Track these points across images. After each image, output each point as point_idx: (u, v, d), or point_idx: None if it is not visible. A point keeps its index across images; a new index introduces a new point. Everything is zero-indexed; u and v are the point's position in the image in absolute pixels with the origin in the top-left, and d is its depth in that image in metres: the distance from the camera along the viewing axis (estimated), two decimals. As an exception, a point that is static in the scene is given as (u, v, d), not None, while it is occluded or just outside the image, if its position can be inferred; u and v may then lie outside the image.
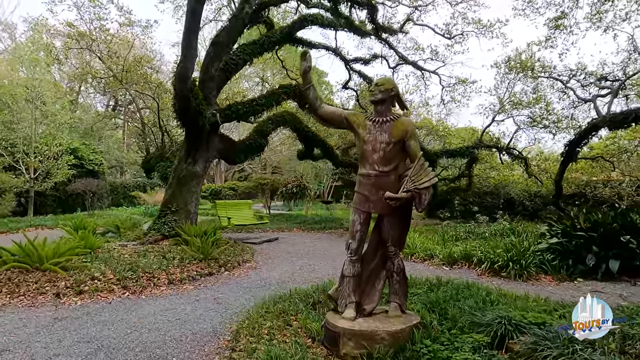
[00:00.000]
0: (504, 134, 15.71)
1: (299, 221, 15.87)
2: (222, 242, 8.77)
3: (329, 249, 10.01)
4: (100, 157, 21.92)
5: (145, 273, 6.26)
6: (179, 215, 9.35)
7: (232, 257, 7.89)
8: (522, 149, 15.07)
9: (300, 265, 7.89)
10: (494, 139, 15.21)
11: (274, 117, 12.26)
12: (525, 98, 13.99)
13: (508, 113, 14.78)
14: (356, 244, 3.93)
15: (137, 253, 7.61)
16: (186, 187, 9.55)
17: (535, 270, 6.47)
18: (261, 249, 9.80)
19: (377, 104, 3.92)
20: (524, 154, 15.01)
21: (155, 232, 9.01)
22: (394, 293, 4.02)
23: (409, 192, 3.65)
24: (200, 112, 8.91)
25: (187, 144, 9.76)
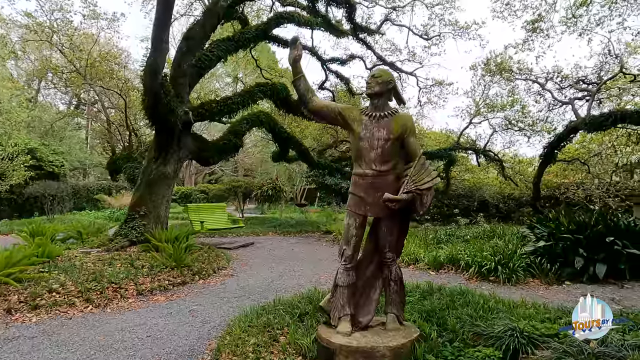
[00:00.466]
0: (480, 136, 15.86)
1: (274, 225, 15.41)
2: (195, 248, 8.23)
3: (308, 253, 9.63)
4: (61, 158, 20.69)
5: (111, 283, 5.69)
6: (148, 220, 8.74)
7: (206, 264, 7.39)
8: (497, 152, 15.19)
9: (280, 272, 7.47)
10: (470, 142, 15.30)
11: (249, 117, 11.81)
12: (500, 101, 14.13)
13: (484, 116, 14.91)
14: (351, 250, 3.58)
15: (101, 261, 6.99)
16: (156, 190, 8.95)
17: (523, 274, 6.32)
18: (237, 254, 9.31)
19: (374, 97, 3.59)
20: (500, 157, 15.13)
21: (122, 237, 8.37)
22: (391, 303, 3.69)
23: (410, 193, 3.35)
24: (171, 109, 8.36)
25: (157, 144, 9.16)
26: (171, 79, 8.78)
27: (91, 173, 31.77)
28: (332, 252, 9.70)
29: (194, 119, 9.41)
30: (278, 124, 13.62)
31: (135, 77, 16.53)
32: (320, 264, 8.27)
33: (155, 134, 9.32)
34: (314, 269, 7.69)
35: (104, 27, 14.18)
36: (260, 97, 10.66)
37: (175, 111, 8.45)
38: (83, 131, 32.72)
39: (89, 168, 30.42)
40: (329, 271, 7.50)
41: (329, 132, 19.33)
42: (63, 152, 22.11)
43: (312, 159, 15.69)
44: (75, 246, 8.64)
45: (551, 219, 8.53)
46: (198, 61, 9.77)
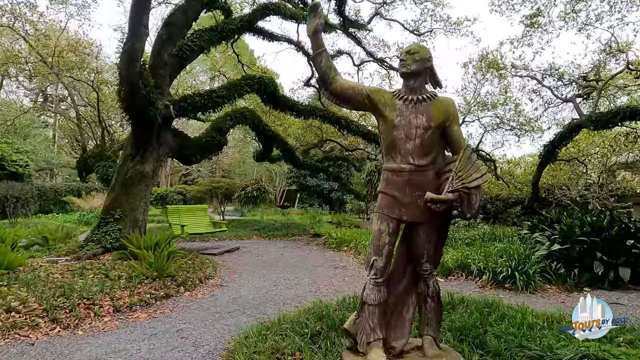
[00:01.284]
0: (472, 135, 15.56)
1: (257, 228, 14.65)
2: (178, 254, 7.45)
3: (299, 259, 8.97)
4: (25, 157, 19.28)
5: (82, 299, 4.88)
6: (125, 224, 7.89)
7: (192, 273, 6.63)
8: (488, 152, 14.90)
9: (274, 280, 6.79)
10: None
11: (232, 113, 11.14)
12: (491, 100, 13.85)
13: (475, 115, 14.61)
14: (384, 261, 2.97)
15: (71, 271, 6.15)
16: (133, 191, 8.12)
17: (541, 280, 5.86)
18: (223, 260, 8.55)
19: (410, 77, 2.99)
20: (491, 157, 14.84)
21: (95, 244, 7.50)
22: (428, 323, 3.10)
23: (456, 191, 2.77)
24: (151, 101, 7.56)
25: (135, 140, 8.32)
26: (150, 68, 7.97)
27: (59, 174, 30.06)
28: (326, 258, 9.09)
29: (175, 113, 8.63)
30: (262, 121, 12.96)
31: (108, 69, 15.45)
32: (315, 271, 7.63)
33: (132, 129, 8.48)
34: (311, 277, 7.04)
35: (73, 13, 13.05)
36: (247, 91, 9.94)
37: (154, 104, 7.66)
38: (50, 130, 30.96)
39: (57, 168, 28.75)
40: (327, 279, 6.89)
41: (312, 131, 18.70)
42: (27, 151, 20.65)
43: (296, 159, 15.05)
44: (41, 254, 7.71)
45: (553, 220, 8.18)
46: (179, 51, 9.00)
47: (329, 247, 10.61)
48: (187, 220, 9.83)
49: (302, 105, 11.75)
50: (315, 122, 17.98)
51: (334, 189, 25.96)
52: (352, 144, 18.87)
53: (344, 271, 7.58)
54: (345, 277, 7.00)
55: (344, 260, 8.81)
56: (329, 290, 6.09)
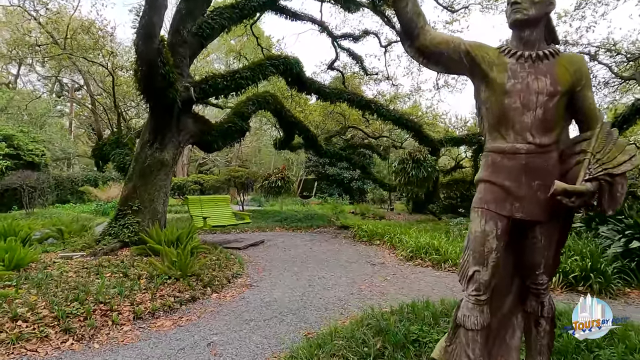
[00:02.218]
0: None
1: (279, 219, 14.01)
2: (201, 249, 6.82)
3: (331, 253, 8.28)
4: (42, 147, 18.92)
5: (98, 304, 4.28)
6: (143, 216, 7.30)
7: (217, 271, 5.99)
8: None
9: (308, 279, 6.11)
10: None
11: (254, 97, 10.42)
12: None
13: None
14: (489, 272, 2.24)
15: (86, 269, 5.57)
16: (152, 180, 7.50)
17: (621, 283, 5.06)
18: (248, 255, 7.92)
19: (526, 26, 2.22)
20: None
21: (112, 238, 6.93)
22: (540, 352, 2.38)
23: (596, 180, 2.02)
24: (170, 82, 6.88)
25: (153, 125, 7.69)
26: (169, 46, 7.28)
27: (76, 163, 29.91)
28: (359, 252, 8.38)
29: (196, 95, 7.96)
30: (285, 106, 12.26)
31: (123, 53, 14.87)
32: (351, 268, 6.94)
33: (150, 113, 7.84)
34: (348, 275, 6.35)
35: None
36: (271, 72, 9.19)
37: (174, 85, 6.99)
38: (66, 119, 30.76)
39: (73, 158, 28.57)
40: (366, 278, 6.18)
41: (334, 118, 17.93)
42: (44, 140, 20.32)
43: (319, 147, 14.32)
44: (55, 248, 7.18)
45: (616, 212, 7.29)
46: (199, 29, 8.28)
47: (359, 241, 9.90)
48: (209, 211, 9.22)
49: (329, 88, 10.98)
50: (338, 109, 17.25)
51: (354, 178, 25.21)
52: (377, 131, 18.06)
53: (383, 269, 6.86)
54: (386, 277, 6.29)
55: (379, 255, 8.10)
56: (373, 292, 5.39)
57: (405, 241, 8.13)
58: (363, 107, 11.18)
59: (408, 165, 9.79)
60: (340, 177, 25.49)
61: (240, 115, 9.69)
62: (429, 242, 7.49)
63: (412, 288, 5.61)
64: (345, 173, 25.32)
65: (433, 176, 10.59)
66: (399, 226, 10.62)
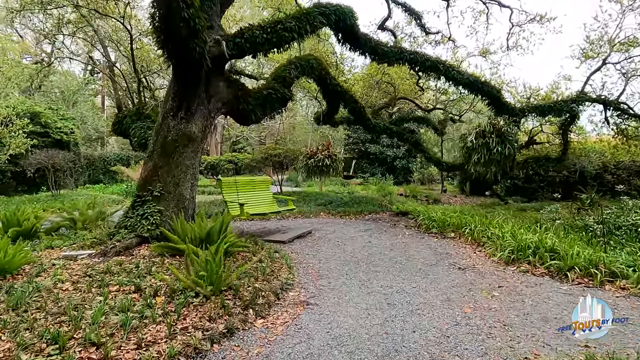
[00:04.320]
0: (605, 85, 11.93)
1: (322, 202, 12.42)
2: (237, 248, 5.29)
3: (399, 250, 6.58)
4: (71, 124, 18.06)
5: (88, 346, 2.79)
6: (167, 204, 5.84)
7: (261, 281, 4.44)
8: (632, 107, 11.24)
9: (383, 293, 4.46)
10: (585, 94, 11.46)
11: (297, 60, 8.73)
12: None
13: (601, 57, 11.11)
14: None
15: (89, 277, 4.16)
16: (176, 158, 6.00)
17: None
18: (295, 252, 6.35)
19: None
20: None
21: (128, 231, 5.50)
22: None
23: None
24: (195, 30, 5.25)
25: (176, 90, 6.13)
26: (194, -15, 5.61)
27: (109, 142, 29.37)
28: (433, 249, 6.64)
29: (229, 52, 6.31)
30: (330, 73, 10.48)
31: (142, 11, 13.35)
32: (433, 274, 5.23)
33: (173, 74, 6.27)
34: (436, 287, 4.65)
35: None
36: (320, 23, 7.40)
37: (199, 34, 5.35)
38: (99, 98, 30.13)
39: (107, 137, 27.97)
40: (463, 293, 4.47)
41: (381, 88, 15.93)
42: (74, 118, 19.47)
43: (368, 120, 12.49)
44: (64, 242, 5.85)
45: None
46: (231, -32, 6.57)
47: (426, 232, 8.15)
48: (247, 196, 7.68)
49: (387, 47, 9.04)
50: (386, 78, 15.24)
51: (398, 156, 23.23)
52: (429, 103, 15.95)
53: (478, 276, 5.11)
54: (491, 291, 4.54)
55: (461, 254, 6.33)
56: (488, 322, 3.67)
57: (497, 236, 6.30)
58: (428, 68, 9.21)
59: (491, 139, 7.84)
60: (383, 156, 23.56)
61: (281, 81, 8.04)
62: (535, 239, 5.63)
63: (542, 314, 3.85)
64: (388, 151, 23.36)
65: (515, 153, 8.62)
66: (475, 214, 8.76)
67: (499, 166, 8.30)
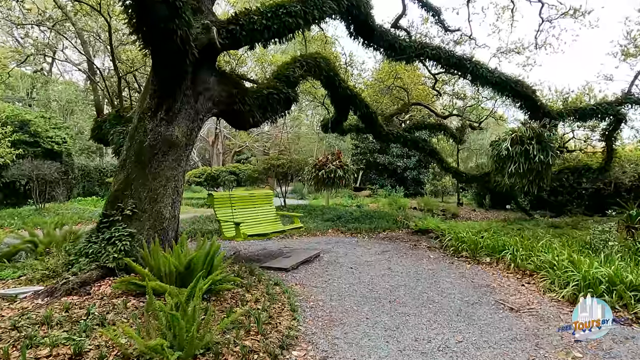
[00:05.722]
0: None
1: (330, 217, 11.25)
2: (226, 283, 4.12)
3: (426, 281, 5.37)
4: (63, 133, 17.09)
5: None
6: (141, 225, 4.68)
7: (254, 336, 3.25)
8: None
9: (420, 351, 3.26)
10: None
11: (302, 58, 7.68)
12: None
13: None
14: None
15: (16, 332, 3.01)
16: (154, 169, 4.86)
17: None
18: (301, 284, 5.16)
19: None
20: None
21: (88, 261, 4.34)
22: None
23: None
24: (175, 9, 4.16)
25: (157, 85, 5.02)
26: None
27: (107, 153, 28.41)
28: (471, 281, 5.43)
29: (221, 41, 5.23)
30: (339, 74, 9.42)
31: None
32: (480, 319, 4.02)
33: (152, 66, 5.17)
34: (489, 341, 3.45)
35: None
36: (330, 10, 6.28)
37: (182, 13, 4.26)
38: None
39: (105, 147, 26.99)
40: (530, 354, 3.25)
41: (392, 93, 14.84)
42: (68, 127, 18.52)
43: (380, 128, 11.38)
44: (12, 273, 4.70)
45: None
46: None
47: (454, 255, 6.93)
48: (245, 214, 6.52)
49: (406, 41, 7.92)
50: (398, 82, 14.16)
51: (409, 167, 22.04)
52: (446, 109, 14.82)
53: (540, 323, 3.89)
54: (570, 351, 3.31)
55: (505, 286, 5.11)
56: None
57: (549, 264, 5.09)
58: (453, 66, 8.07)
59: (531, 146, 6.66)
60: (393, 166, 22.37)
61: (284, 80, 6.96)
62: (608, 271, 4.41)
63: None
64: (398, 161, 22.18)
65: (554, 162, 7.44)
66: (510, 233, 7.56)
67: (539, 177, 7.11)
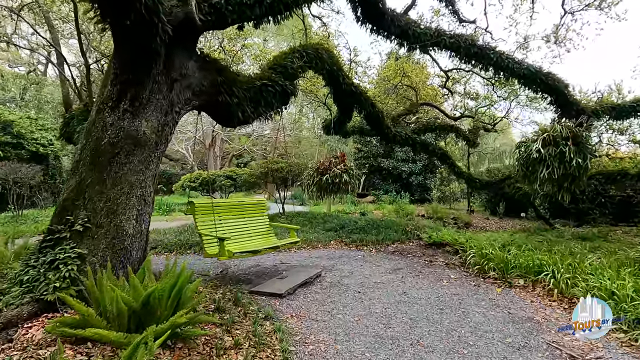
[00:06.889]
0: None
1: (332, 227, 10.27)
2: (198, 322, 3.14)
3: (452, 312, 4.37)
4: (50, 135, 16.18)
5: None
6: (95, 243, 3.69)
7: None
8: None
9: None
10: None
11: (302, 49, 6.83)
12: None
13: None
14: None
15: None
16: (114, 172, 3.88)
17: None
18: (297, 316, 4.16)
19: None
20: None
21: (22, 291, 3.35)
22: None
23: None
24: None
25: (119, 69, 4.04)
26: None
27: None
28: (506, 312, 4.41)
29: (202, 16, 4.28)
30: (343, 69, 8.53)
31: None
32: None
33: (115, 47, 4.19)
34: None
35: None
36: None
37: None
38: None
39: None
40: None
41: (400, 93, 13.88)
42: (56, 128, 17.59)
43: (386, 129, 10.47)
44: None
45: None
46: None
47: (479, 275, 5.93)
48: (232, 226, 5.53)
49: (420, 28, 6.96)
50: (405, 80, 13.22)
51: (415, 172, 21.04)
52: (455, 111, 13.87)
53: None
54: None
55: (552, 319, 4.11)
56: None
57: (607, 291, 4.09)
58: (474, 56, 7.11)
59: (567, 148, 5.68)
60: (398, 171, 21.37)
61: (281, 71, 6.07)
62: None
63: None
64: (403, 166, 21.18)
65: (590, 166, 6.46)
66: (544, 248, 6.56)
67: (574, 184, 6.13)
